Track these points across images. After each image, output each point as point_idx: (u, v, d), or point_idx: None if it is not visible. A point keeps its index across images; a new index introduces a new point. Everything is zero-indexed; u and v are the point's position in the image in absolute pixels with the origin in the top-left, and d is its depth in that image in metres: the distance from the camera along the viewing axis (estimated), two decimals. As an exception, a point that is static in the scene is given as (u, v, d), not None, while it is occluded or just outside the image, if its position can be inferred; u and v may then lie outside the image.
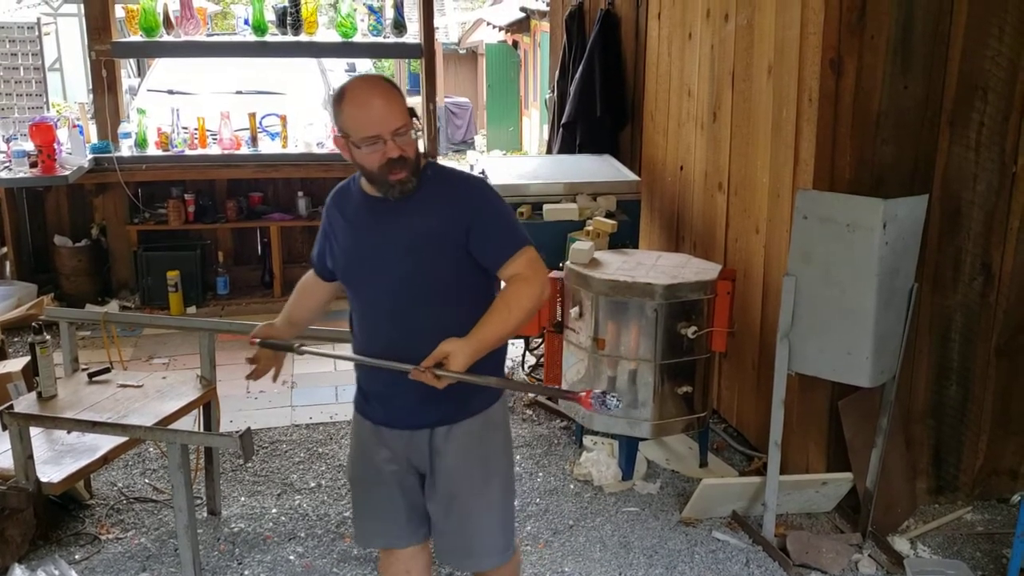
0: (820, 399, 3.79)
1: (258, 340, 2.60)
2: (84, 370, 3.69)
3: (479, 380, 2.28)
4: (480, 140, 18.79)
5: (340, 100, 2.25)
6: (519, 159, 6.27)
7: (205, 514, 3.79)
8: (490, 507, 2.50)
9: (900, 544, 3.62)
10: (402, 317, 2.34)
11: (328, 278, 2.59)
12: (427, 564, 2.64)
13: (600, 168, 5.60)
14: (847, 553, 3.53)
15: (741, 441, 4.47)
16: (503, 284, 2.37)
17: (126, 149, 6.30)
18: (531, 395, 5.00)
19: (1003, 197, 3.64)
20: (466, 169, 3.66)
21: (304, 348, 2.59)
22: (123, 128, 6.33)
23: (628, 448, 4.12)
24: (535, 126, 16.55)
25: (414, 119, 2.27)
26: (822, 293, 3.26)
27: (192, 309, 6.28)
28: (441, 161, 6.75)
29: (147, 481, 4.09)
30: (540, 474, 4.19)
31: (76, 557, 3.50)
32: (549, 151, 6.91)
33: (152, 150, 6.35)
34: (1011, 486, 3.99)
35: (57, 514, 3.74)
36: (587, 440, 4.36)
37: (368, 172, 2.29)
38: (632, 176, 5.46)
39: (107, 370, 3.69)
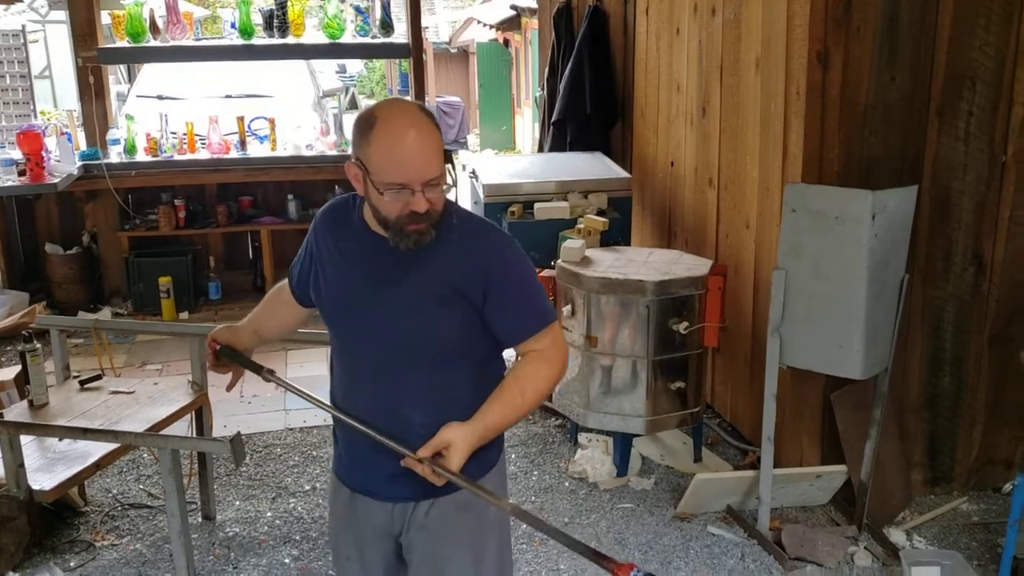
0: (813, 392, 3.79)
1: (219, 347, 2.26)
2: (75, 377, 3.68)
3: (494, 500, 2.01)
4: (473, 139, 18.78)
5: (368, 129, 1.89)
6: (510, 158, 6.27)
7: (200, 519, 3.78)
8: None
9: (896, 536, 3.63)
10: (394, 378, 2.02)
11: (305, 303, 2.27)
12: None
13: (591, 166, 5.59)
14: (842, 546, 3.53)
15: (735, 435, 4.47)
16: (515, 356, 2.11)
17: (115, 156, 6.28)
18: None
19: (993, 187, 3.64)
20: (462, 173, 3.46)
21: (273, 378, 2.24)
22: (112, 135, 6.31)
23: (622, 445, 4.12)
24: (528, 125, 16.53)
25: (448, 166, 1.97)
26: (812, 286, 3.26)
27: (184, 315, 6.28)
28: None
29: (141, 487, 4.08)
30: (535, 472, 4.19)
31: (71, 564, 3.48)
32: (540, 149, 6.90)
33: (141, 156, 6.33)
34: (1006, 475, 3.99)
35: (51, 522, 3.73)
36: (582, 437, 4.36)
37: (383, 217, 1.93)
38: (623, 173, 5.45)
39: (98, 377, 3.67)
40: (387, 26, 6.39)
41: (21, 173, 5.78)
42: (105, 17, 6.52)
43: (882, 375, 3.45)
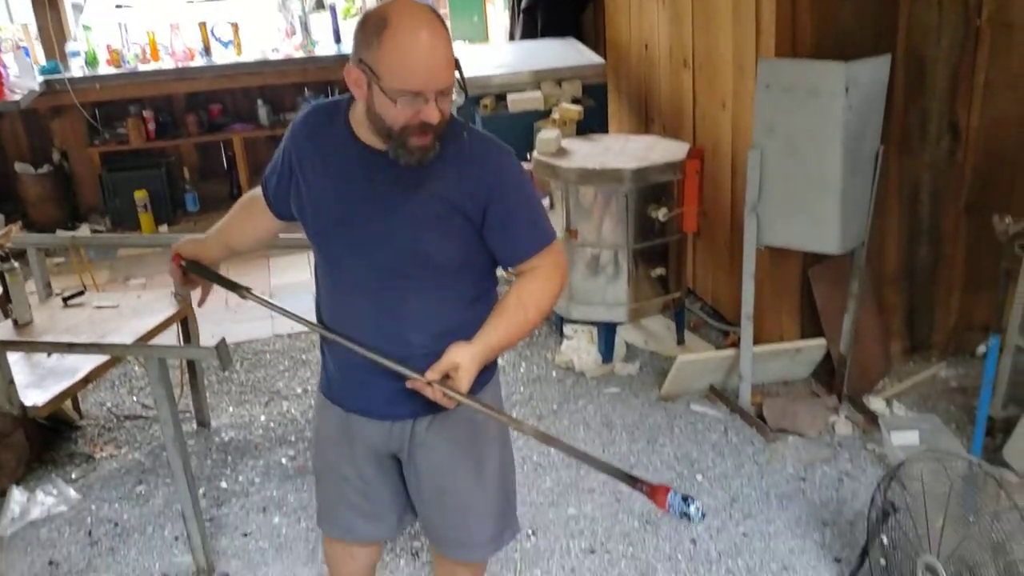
0: (791, 270, 3.83)
1: (184, 262, 2.17)
2: (58, 295, 3.68)
3: (514, 423, 1.98)
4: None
5: (380, 30, 1.72)
6: (480, 48, 6.15)
7: (195, 426, 3.84)
8: (485, 499, 2.18)
9: (875, 404, 3.72)
10: (389, 299, 1.94)
11: (283, 216, 2.15)
12: (376, 561, 2.44)
13: (564, 52, 5.50)
14: (823, 416, 3.63)
15: (717, 318, 4.53)
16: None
17: (77, 69, 6.13)
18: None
19: (968, 52, 3.61)
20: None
21: (251, 296, 2.14)
22: (71, 47, 6.14)
23: (607, 333, 4.18)
24: (500, 13, 16.14)
25: (456, 75, 1.81)
26: (788, 164, 3.26)
27: (164, 228, 6.25)
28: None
29: (135, 399, 4.13)
30: (523, 364, 4.26)
31: (73, 476, 3.56)
32: (511, 38, 6.76)
33: (104, 68, 6.18)
34: (983, 340, 4.05)
35: (49, 437, 3.79)
36: (567, 329, 4.42)
37: (386, 127, 1.79)
38: (597, 59, 5.37)
39: (81, 293, 3.67)
40: (347, -82, 6.18)
41: (-21, 92, 5.65)
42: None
43: (859, 249, 3.48)
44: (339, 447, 2.16)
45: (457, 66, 1.78)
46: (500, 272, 2.09)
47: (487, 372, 2.04)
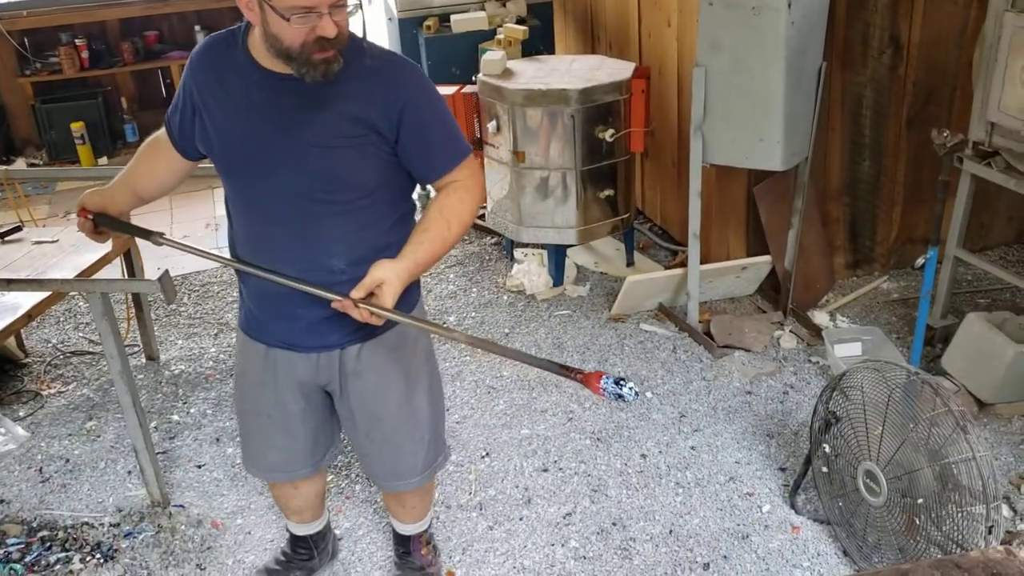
0: (737, 188, 3.86)
1: (92, 215, 2.09)
2: (-6, 231, 3.59)
3: (443, 331, 1.99)
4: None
5: None
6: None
7: (143, 360, 3.81)
8: (417, 424, 2.21)
9: (820, 318, 3.80)
10: (308, 226, 1.92)
11: (190, 156, 2.09)
12: (322, 489, 2.50)
13: (508, -28, 5.38)
14: (769, 331, 3.70)
15: (666, 238, 4.57)
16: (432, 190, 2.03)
17: (1, -4, 5.88)
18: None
19: (910, -34, 3.61)
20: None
21: (167, 241, 2.08)
22: (-6, -28, 5.88)
23: (557, 256, 4.19)
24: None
25: None
26: (732, 81, 3.26)
27: (104, 160, 6.09)
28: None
29: (81, 335, 4.08)
30: (474, 289, 4.27)
31: (20, 414, 3.52)
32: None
33: (31, -6, 5.94)
34: (924, 253, 4.14)
35: (-7, 376, 3.74)
36: (517, 253, 4.42)
37: (284, 48, 1.75)
38: (541, -23, 5.27)
39: (18, 229, 3.59)
40: None
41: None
42: None
43: (802, 165, 3.51)
44: (263, 386, 2.15)
45: None
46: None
47: (411, 295, 2.04)
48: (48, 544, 2.85)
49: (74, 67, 6.08)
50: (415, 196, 2.10)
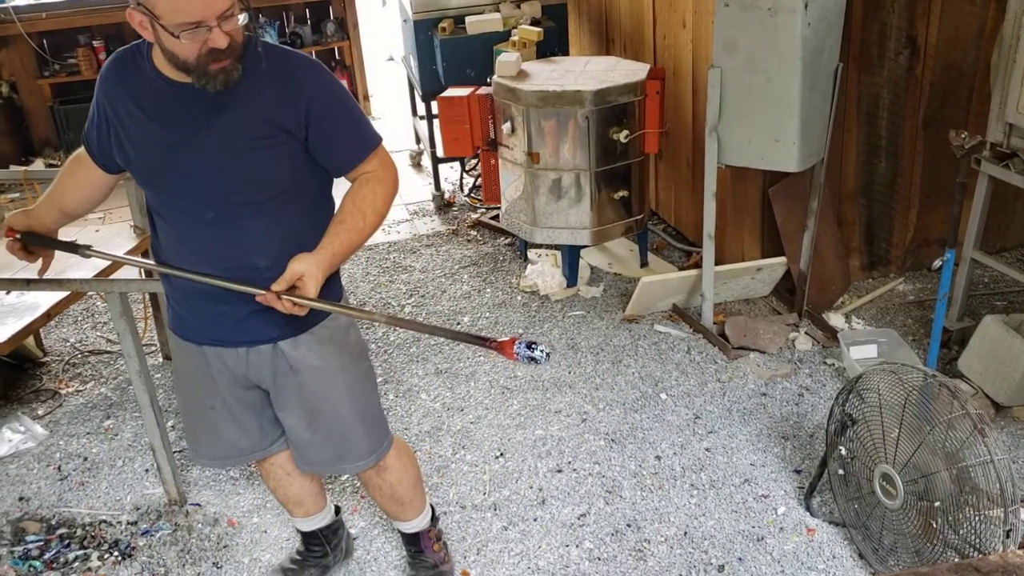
0: (752, 189, 3.85)
1: (19, 234, 2.13)
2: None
3: (363, 314, 2.00)
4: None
5: None
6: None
7: (160, 359, 3.84)
8: (354, 411, 2.24)
9: (835, 319, 3.79)
10: (226, 229, 1.96)
11: (111, 170, 2.12)
12: (308, 480, 2.50)
13: (523, -27, 5.38)
14: (784, 332, 3.69)
15: (680, 239, 4.56)
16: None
17: (21, -3, 5.93)
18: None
19: (927, -34, 3.60)
20: None
21: (94, 253, 2.15)
22: (13, -26, 5.93)
23: (571, 256, 4.19)
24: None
25: None
26: (748, 82, 3.25)
27: (120, 161, 6.12)
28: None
29: (99, 334, 4.11)
30: (488, 290, 4.27)
31: (39, 412, 3.55)
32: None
33: (49, -4, 5.98)
34: (940, 255, 4.14)
35: (13, 374, 3.77)
36: (531, 253, 4.43)
37: (181, 62, 1.79)
38: (556, -22, 5.26)
39: (37, 229, 3.61)
40: None
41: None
42: None
43: (818, 166, 3.50)
44: (203, 381, 2.19)
45: None
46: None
47: (333, 290, 2.10)
48: (67, 542, 2.87)
49: (92, 68, 6.12)
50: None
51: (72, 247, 2.16)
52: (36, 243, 2.17)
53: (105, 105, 1.98)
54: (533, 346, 1.85)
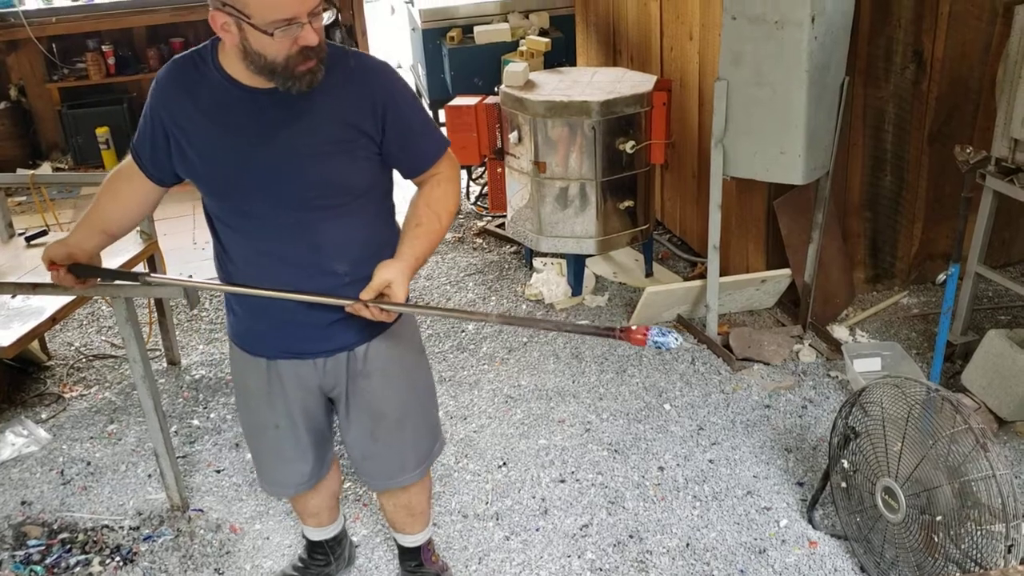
0: (757, 201, 3.85)
1: (65, 267, 2.03)
2: (21, 235, 3.63)
3: (472, 315, 1.97)
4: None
5: None
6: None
7: (165, 365, 3.84)
8: (418, 415, 2.26)
9: (839, 332, 3.79)
10: (305, 235, 1.93)
11: (166, 183, 2.05)
12: (338, 489, 2.54)
13: (530, -17, 5.41)
14: (788, 344, 3.69)
15: (685, 249, 4.57)
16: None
17: (31, 2, 5.99)
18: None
19: (933, -19, 3.60)
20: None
21: (155, 279, 2.09)
22: (24, -21, 5.98)
23: (576, 265, 4.20)
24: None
25: None
26: (754, 95, 3.26)
27: (128, 165, 6.15)
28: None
29: (104, 338, 4.12)
30: (493, 298, 4.28)
31: (43, 416, 3.56)
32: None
33: (60, 1, 6.02)
34: (945, 269, 4.14)
35: (17, 378, 3.78)
36: (536, 262, 4.44)
37: (268, 63, 1.76)
38: (564, -11, 5.30)
39: (44, 233, 3.62)
40: None
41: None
42: None
43: (823, 179, 3.51)
44: (270, 397, 2.15)
45: None
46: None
47: None
48: (68, 546, 2.88)
49: (100, 73, 6.16)
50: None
51: (128, 275, 2.09)
52: (83, 274, 2.05)
53: (162, 115, 1.92)
54: (666, 332, 1.82)
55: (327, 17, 1.66)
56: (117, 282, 2.22)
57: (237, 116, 1.86)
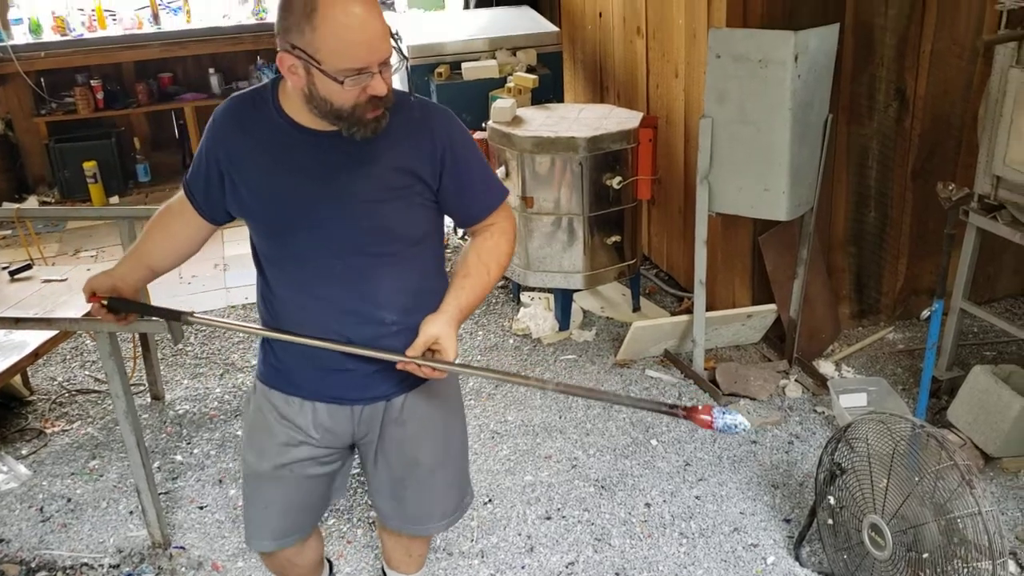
0: (743, 237, 3.87)
1: (106, 300, 1.96)
2: (4, 268, 3.62)
3: (529, 381, 1.93)
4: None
5: (311, 11, 1.64)
6: (435, 15, 6.07)
7: (149, 400, 3.81)
8: (452, 467, 2.19)
9: (825, 367, 3.80)
10: (355, 281, 1.88)
11: (219, 221, 2.02)
12: (322, 548, 2.39)
13: (519, 21, 5.46)
14: (774, 380, 3.69)
15: (672, 284, 4.58)
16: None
17: (20, 36, 5.99)
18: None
19: (915, 20, 3.65)
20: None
21: (198, 319, 1.98)
22: (13, 14, 6.00)
23: (563, 300, 4.20)
24: (455, -17, 15.93)
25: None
26: (738, 132, 3.29)
27: (115, 199, 6.15)
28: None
29: (87, 373, 4.09)
30: (480, 333, 4.27)
31: (23, 452, 3.52)
32: (467, 5, 6.70)
33: (49, 35, 6.05)
34: (929, 304, 4.13)
35: (-2, 413, 3.75)
36: (524, 296, 4.44)
37: (335, 109, 1.72)
38: (551, 27, 5.35)
39: (28, 267, 3.61)
40: None
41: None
42: None
43: (808, 215, 3.53)
44: (288, 437, 2.03)
45: (391, 32, 1.72)
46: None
47: None
48: (47, 584, 2.83)
49: (89, 107, 6.17)
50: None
51: (171, 313, 2.02)
52: (124, 308, 1.98)
53: (219, 154, 1.88)
54: (729, 412, 1.74)
55: (396, 67, 1.61)
56: (155, 318, 2.11)
57: (298, 158, 1.83)
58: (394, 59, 1.76)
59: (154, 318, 2.06)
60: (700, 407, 1.75)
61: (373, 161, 1.82)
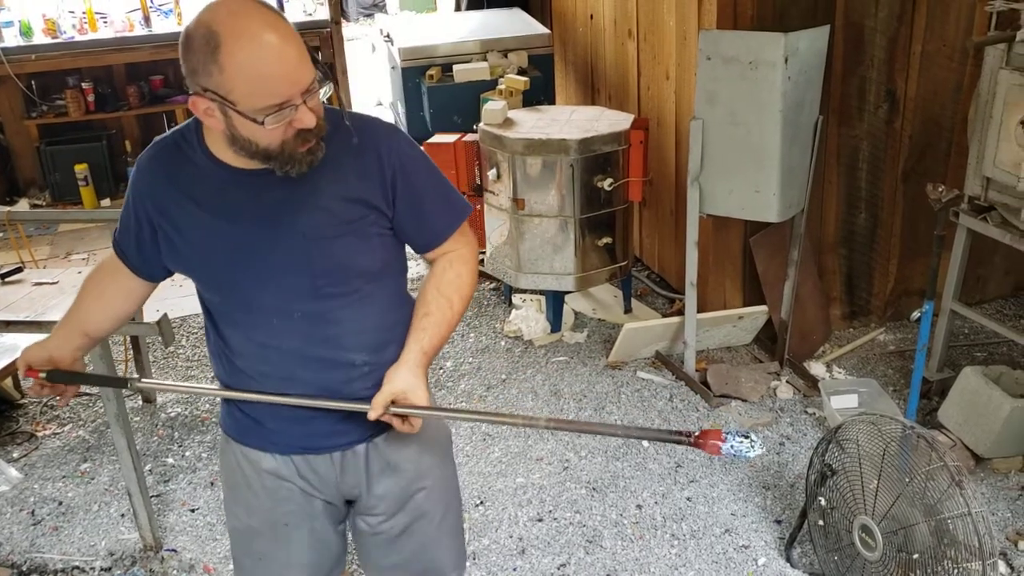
0: (734, 238, 3.88)
1: (43, 374, 1.77)
2: (-5, 272, 3.61)
3: (516, 420, 1.79)
4: (392, 1, 18.10)
5: (214, 51, 1.45)
6: (426, 18, 6.09)
7: (140, 403, 3.81)
8: (448, 516, 1.98)
9: (816, 368, 3.80)
10: (316, 327, 1.70)
11: (156, 278, 1.84)
12: None
13: (510, 23, 5.48)
14: (765, 381, 3.70)
15: (663, 286, 4.59)
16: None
17: (11, 39, 5.97)
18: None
19: (905, 22, 3.66)
20: (375, 34, 2.92)
21: (146, 383, 1.85)
22: (4, 17, 5.97)
23: (555, 302, 4.21)
24: (448, -15, 15.93)
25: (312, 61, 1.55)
26: (729, 134, 3.30)
27: (106, 202, 6.14)
28: (350, 28, 6.54)
29: (78, 377, 4.07)
30: (472, 335, 4.27)
31: (14, 455, 3.51)
32: (458, 8, 6.72)
33: (40, 38, 6.02)
34: (920, 305, 4.15)
35: (-11, 417, 3.74)
36: (515, 298, 4.44)
37: (261, 149, 1.55)
38: (542, 29, 5.36)
39: (19, 270, 3.60)
40: None
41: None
42: None
43: (798, 216, 3.54)
44: (275, 493, 1.84)
45: (310, 51, 1.53)
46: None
47: None
48: (38, 588, 2.83)
49: (80, 110, 6.16)
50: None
51: (114, 381, 1.89)
52: (63, 381, 1.80)
53: (147, 206, 1.70)
54: (742, 435, 1.59)
55: (324, 92, 1.44)
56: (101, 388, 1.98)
57: (231, 201, 1.65)
58: (324, 90, 1.62)
59: (96, 388, 1.90)
60: (709, 431, 1.62)
61: (318, 194, 1.64)
